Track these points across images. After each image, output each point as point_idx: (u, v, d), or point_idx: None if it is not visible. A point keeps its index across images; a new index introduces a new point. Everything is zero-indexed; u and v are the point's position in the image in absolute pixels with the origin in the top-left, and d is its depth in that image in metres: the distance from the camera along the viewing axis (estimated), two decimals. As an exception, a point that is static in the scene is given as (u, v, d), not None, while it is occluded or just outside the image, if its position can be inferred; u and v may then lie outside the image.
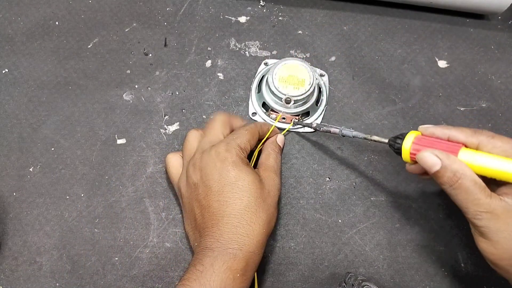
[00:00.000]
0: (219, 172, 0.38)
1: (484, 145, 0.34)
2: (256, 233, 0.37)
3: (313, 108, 0.49)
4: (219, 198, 0.38)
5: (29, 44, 0.53)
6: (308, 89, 0.46)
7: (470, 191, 0.33)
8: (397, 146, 0.38)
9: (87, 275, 0.43)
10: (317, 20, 0.55)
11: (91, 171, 0.47)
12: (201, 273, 0.35)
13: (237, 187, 0.38)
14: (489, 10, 0.52)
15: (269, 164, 0.42)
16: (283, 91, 0.46)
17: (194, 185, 0.40)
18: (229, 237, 0.37)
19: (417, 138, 0.37)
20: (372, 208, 0.46)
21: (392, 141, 0.39)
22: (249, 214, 0.37)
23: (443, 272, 0.44)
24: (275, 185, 0.41)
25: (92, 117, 0.50)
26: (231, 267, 0.35)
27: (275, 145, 0.45)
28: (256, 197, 0.38)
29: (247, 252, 0.37)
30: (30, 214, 0.46)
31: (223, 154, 0.39)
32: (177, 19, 0.55)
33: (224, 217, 0.37)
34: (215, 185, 0.38)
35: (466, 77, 0.52)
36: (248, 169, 0.39)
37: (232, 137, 0.41)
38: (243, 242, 0.37)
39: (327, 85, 0.51)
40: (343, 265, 0.44)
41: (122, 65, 0.52)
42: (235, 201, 0.37)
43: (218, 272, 0.35)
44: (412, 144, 0.37)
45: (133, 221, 0.45)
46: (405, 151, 0.37)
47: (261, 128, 0.44)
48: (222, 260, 0.36)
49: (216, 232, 0.37)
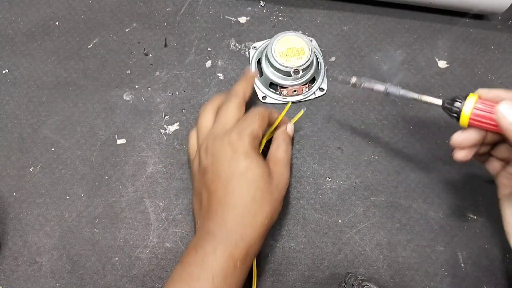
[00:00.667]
0: (229, 162, 0.38)
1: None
2: (259, 225, 0.38)
3: (316, 72, 0.50)
4: (227, 187, 0.38)
5: (29, 44, 0.53)
6: (310, 55, 0.47)
7: None
8: (455, 110, 0.36)
9: (87, 275, 0.43)
10: (317, 20, 0.55)
11: (91, 171, 0.47)
12: (202, 258, 0.35)
13: (245, 178, 0.38)
14: (489, 10, 0.52)
15: (279, 157, 0.42)
16: (289, 65, 0.47)
17: (204, 169, 0.40)
18: (232, 226, 0.37)
19: (479, 101, 0.35)
20: (372, 208, 0.46)
21: (449, 104, 0.36)
22: (254, 207, 0.37)
23: (443, 272, 0.44)
24: (283, 179, 0.41)
25: (92, 117, 0.50)
26: (232, 255, 0.36)
27: (286, 135, 0.44)
28: (263, 190, 0.38)
29: (249, 242, 0.37)
30: (30, 214, 0.46)
31: (236, 143, 0.39)
32: (177, 19, 0.55)
33: (230, 206, 0.37)
34: (224, 174, 0.38)
35: (466, 77, 0.52)
36: (259, 160, 0.39)
37: (243, 124, 0.40)
38: (245, 232, 0.37)
39: (318, 49, 0.53)
40: (343, 265, 0.44)
41: (122, 65, 0.52)
42: (242, 192, 0.38)
43: (220, 259, 0.35)
44: (473, 108, 0.35)
45: (133, 221, 0.45)
46: (464, 116, 0.35)
47: (271, 114, 0.44)
48: (223, 248, 0.36)
49: (220, 219, 0.37)
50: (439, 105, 0.37)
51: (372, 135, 0.49)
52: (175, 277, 0.36)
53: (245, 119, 0.41)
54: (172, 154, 0.48)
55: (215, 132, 0.41)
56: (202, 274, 0.35)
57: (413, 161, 0.48)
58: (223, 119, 0.42)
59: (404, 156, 0.48)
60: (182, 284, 0.35)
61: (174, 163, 0.48)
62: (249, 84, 0.45)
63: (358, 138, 0.49)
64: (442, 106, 0.37)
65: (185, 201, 0.46)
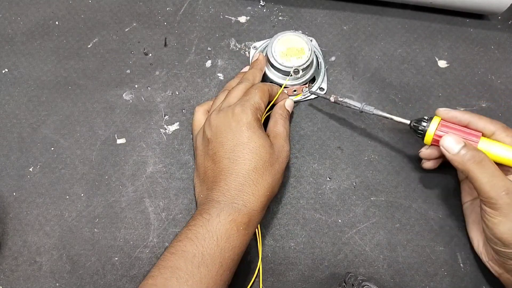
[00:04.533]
0: (233, 132, 0.40)
1: (499, 133, 0.39)
2: (260, 193, 0.39)
3: (316, 72, 0.50)
4: (230, 155, 0.40)
5: (29, 44, 0.53)
6: (310, 55, 0.47)
7: (493, 168, 0.37)
8: (421, 129, 0.40)
9: (87, 275, 0.43)
10: (317, 20, 0.55)
11: (91, 171, 0.47)
12: (207, 221, 0.37)
13: (248, 148, 0.40)
14: (489, 10, 0.52)
15: (278, 131, 0.44)
16: (289, 65, 0.47)
17: (207, 140, 0.42)
18: (236, 193, 0.39)
19: (441, 124, 0.40)
20: (372, 208, 0.46)
21: (416, 123, 0.41)
22: (256, 176, 0.39)
23: (443, 272, 0.44)
24: (284, 152, 0.42)
25: (91, 116, 0.50)
26: (235, 220, 0.38)
27: (283, 110, 0.46)
28: (265, 160, 0.40)
29: (251, 210, 0.39)
30: (30, 214, 0.46)
31: (239, 115, 0.41)
32: (177, 19, 0.55)
33: (233, 174, 0.39)
34: (228, 143, 0.40)
35: (466, 77, 0.52)
36: (261, 132, 0.41)
37: (245, 98, 0.43)
38: (248, 199, 0.39)
39: (318, 48, 0.53)
40: (343, 265, 0.44)
41: (122, 65, 0.52)
42: (245, 161, 0.39)
43: (224, 222, 0.37)
44: (436, 129, 0.40)
45: (133, 221, 0.45)
46: (429, 135, 0.40)
47: (271, 87, 0.46)
48: (227, 212, 0.38)
49: (223, 187, 0.39)
50: (407, 124, 0.42)
51: (372, 135, 0.49)
52: (181, 236, 0.37)
53: (247, 93, 0.43)
54: (172, 154, 0.48)
55: (220, 108, 0.43)
56: (207, 235, 0.37)
57: (413, 161, 0.48)
58: (228, 98, 0.44)
59: (404, 156, 0.48)
60: (188, 242, 0.37)
61: (174, 163, 0.48)
62: (258, 71, 0.47)
63: (358, 138, 0.49)
64: (409, 125, 0.42)
65: (185, 201, 0.46)
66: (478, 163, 0.37)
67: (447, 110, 0.40)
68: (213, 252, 0.36)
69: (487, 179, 0.36)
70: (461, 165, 0.37)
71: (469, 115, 0.40)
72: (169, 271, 0.35)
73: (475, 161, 0.37)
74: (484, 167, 0.36)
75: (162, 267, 0.36)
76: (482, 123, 0.39)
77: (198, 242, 0.36)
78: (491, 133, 0.39)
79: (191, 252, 0.36)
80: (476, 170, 0.37)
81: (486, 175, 0.36)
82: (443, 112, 0.40)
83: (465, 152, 0.37)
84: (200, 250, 0.36)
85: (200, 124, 0.45)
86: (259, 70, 0.48)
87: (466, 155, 0.37)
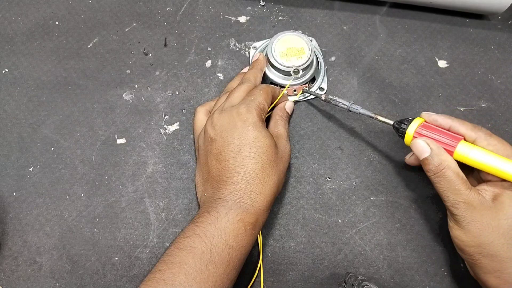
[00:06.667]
0: (239, 131, 0.40)
1: (481, 140, 0.38)
2: (267, 193, 0.39)
3: (316, 72, 0.50)
4: (236, 155, 0.40)
5: (29, 44, 0.53)
6: (310, 55, 0.48)
7: (452, 181, 0.37)
8: (401, 130, 0.41)
9: (87, 275, 0.43)
10: (317, 20, 0.55)
11: (91, 171, 0.47)
12: (216, 219, 0.37)
13: (255, 147, 0.40)
14: (489, 10, 0.52)
15: (279, 132, 0.44)
16: (289, 65, 0.47)
17: (210, 139, 0.42)
18: (243, 192, 0.39)
19: (421, 125, 0.40)
20: (372, 208, 0.46)
21: (397, 124, 0.41)
22: (263, 175, 0.39)
23: (443, 272, 0.44)
24: (286, 152, 0.43)
25: (91, 116, 0.50)
26: (243, 219, 0.38)
27: (283, 112, 0.47)
28: (271, 160, 0.40)
29: (258, 209, 0.39)
30: (30, 214, 0.46)
31: (244, 114, 0.41)
32: (177, 19, 0.55)
33: (240, 173, 0.39)
34: (234, 142, 0.40)
35: (466, 77, 0.52)
36: (266, 132, 0.41)
37: (250, 98, 0.43)
38: (255, 199, 0.39)
39: (318, 48, 0.53)
40: (343, 265, 0.44)
41: (122, 65, 0.52)
42: (252, 160, 0.39)
43: (232, 221, 0.37)
44: (416, 130, 0.39)
45: (133, 221, 0.45)
46: (408, 136, 0.40)
47: (274, 89, 0.46)
48: (235, 211, 0.38)
49: (231, 186, 0.39)
50: (391, 125, 0.42)
51: (372, 135, 0.49)
52: (188, 232, 0.37)
53: (251, 94, 0.44)
54: (172, 154, 0.48)
55: (222, 107, 0.43)
56: (216, 233, 0.37)
57: (413, 161, 0.48)
58: (231, 98, 0.44)
59: (404, 156, 0.48)
60: (196, 238, 0.36)
61: (174, 163, 0.48)
62: (259, 71, 0.48)
63: (358, 138, 0.49)
64: (392, 125, 0.42)
65: (185, 201, 0.46)
66: (438, 172, 0.37)
67: (429, 114, 0.40)
68: (221, 250, 0.36)
69: (442, 190, 0.38)
70: (426, 171, 0.39)
71: (451, 120, 0.39)
72: (177, 266, 0.35)
73: (436, 169, 0.37)
74: (442, 177, 0.37)
75: (169, 262, 0.36)
76: (464, 128, 0.39)
77: (206, 239, 0.36)
78: (472, 140, 0.38)
79: (200, 249, 0.36)
80: (434, 179, 0.38)
81: (442, 185, 0.37)
82: (426, 115, 0.40)
83: (431, 158, 0.37)
84: (208, 248, 0.36)
85: (201, 124, 0.45)
86: (259, 70, 0.48)
87: (432, 161, 0.37)
